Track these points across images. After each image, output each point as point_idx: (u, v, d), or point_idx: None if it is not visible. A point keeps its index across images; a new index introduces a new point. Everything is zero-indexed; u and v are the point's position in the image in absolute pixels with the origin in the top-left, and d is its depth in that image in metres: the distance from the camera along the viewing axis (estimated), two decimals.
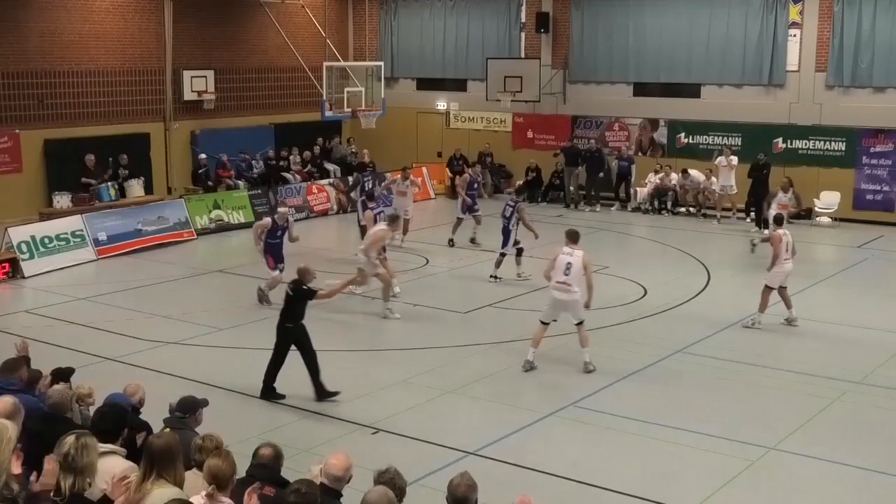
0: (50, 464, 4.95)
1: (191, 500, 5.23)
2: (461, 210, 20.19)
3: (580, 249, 12.46)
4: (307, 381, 11.26)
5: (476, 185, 20.74)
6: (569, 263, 12.23)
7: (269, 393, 11.38)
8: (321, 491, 5.44)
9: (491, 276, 17.20)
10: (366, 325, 14.85)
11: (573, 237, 12.66)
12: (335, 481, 5.66)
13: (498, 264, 17.24)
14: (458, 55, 28.96)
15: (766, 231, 21.71)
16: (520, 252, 17.30)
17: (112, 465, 5.67)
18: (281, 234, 15.65)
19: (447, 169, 27.72)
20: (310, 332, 11.48)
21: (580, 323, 12.47)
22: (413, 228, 20.73)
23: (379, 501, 5.25)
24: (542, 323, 12.63)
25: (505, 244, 17.26)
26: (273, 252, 15.62)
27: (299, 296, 11.45)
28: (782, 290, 14.59)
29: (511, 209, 17.32)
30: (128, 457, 6.01)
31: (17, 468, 4.74)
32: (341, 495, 5.74)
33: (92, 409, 7.39)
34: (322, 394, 11.25)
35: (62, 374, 8.00)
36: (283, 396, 11.34)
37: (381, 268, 15.15)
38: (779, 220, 15.39)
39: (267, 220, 15.76)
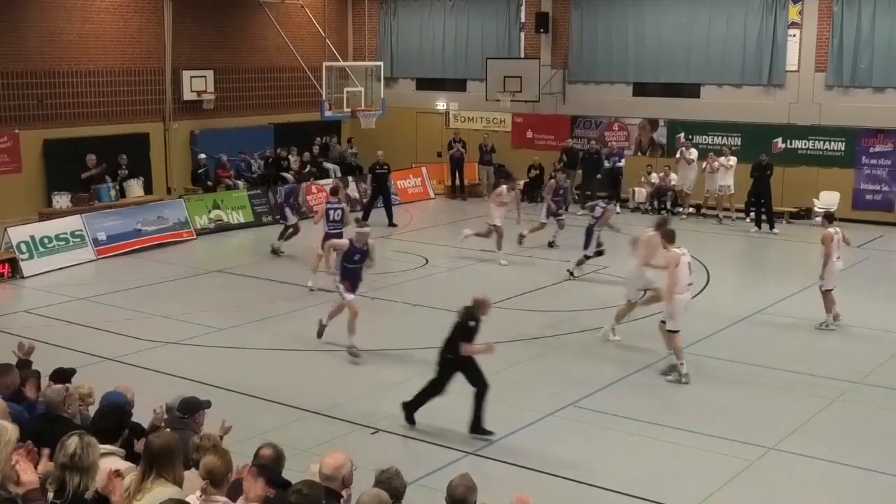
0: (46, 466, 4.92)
1: (187, 499, 5.23)
2: (545, 215, 20.20)
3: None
4: (309, 381, 11.25)
5: (562, 192, 20.95)
6: (689, 263, 12.20)
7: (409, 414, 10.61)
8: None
9: (569, 273, 17.66)
10: (366, 325, 14.83)
11: (674, 237, 12.48)
12: (327, 480, 5.62)
13: (580, 263, 17.63)
14: (457, 55, 28.97)
15: (775, 230, 21.78)
16: (600, 254, 17.67)
17: (112, 466, 5.67)
18: (360, 259, 13.17)
19: (449, 155, 27.57)
20: (310, 331, 11.47)
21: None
22: (413, 228, 20.74)
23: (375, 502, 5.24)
24: (672, 332, 12.24)
25: (587, 245, 17.58)
26: (350, 277, 13.16)
27: (464, 330, 10.39)
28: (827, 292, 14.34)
29: (602, 210, 17.67)
30: (126, 458, 6.01)
31: (29, 473, 4.70)
32: (341, 496, 5.70)
33: (91, 410, 7.38)
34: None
35: (63, 375, 7.96)
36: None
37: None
38: (830, 217, 14.79)
39: (343, 242, 13.52)
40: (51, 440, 5.28)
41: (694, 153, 23.43)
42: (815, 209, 23.46)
